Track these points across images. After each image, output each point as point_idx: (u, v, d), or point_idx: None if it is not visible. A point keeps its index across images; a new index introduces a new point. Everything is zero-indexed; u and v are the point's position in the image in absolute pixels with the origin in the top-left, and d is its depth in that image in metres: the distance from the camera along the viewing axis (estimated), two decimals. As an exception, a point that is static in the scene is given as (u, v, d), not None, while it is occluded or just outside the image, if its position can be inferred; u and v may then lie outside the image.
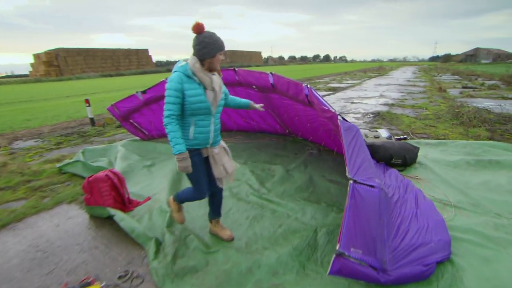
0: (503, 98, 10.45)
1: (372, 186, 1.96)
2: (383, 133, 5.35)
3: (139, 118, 5.45)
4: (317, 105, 2.88)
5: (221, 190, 2.32)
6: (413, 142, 4.95)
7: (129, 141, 5.36)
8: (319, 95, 2.88)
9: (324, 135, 4.23)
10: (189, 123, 1.92)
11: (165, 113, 1.83)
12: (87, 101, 7.53)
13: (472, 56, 77.51)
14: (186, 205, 2.91)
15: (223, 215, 2.74)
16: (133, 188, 3.42)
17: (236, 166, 2.23)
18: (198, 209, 2.87)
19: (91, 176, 2.81)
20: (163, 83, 4.90)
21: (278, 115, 4.90)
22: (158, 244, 2.32)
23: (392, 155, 3.73)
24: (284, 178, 3.55)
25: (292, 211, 2.80)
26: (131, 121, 5.44)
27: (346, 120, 2.42)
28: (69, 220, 2.82)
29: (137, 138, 5.63)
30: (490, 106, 8.18)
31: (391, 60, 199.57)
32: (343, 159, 4.30)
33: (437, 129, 6.02)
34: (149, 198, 3.14)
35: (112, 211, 2.61)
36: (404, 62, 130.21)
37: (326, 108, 2.56)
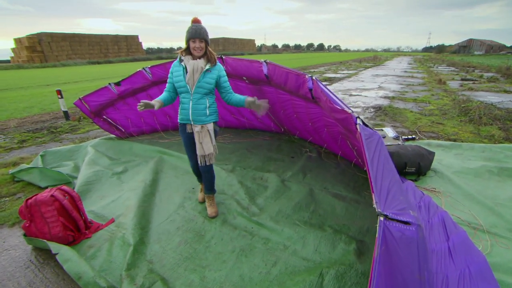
0: (505, 91, 10.02)
1: (407, 223, 1.39)
2: (389, 132, 4.81)
3: (113, 113, 4.75)
4: (325, 103, 2.27)
5: (207, 169, 2.50)
6: (422, 142, 4.43)
7: (102, 139, 4.68)
8: (328, 89, 2.27)
9: (328, 138, 3.63)
10: (179, 101, 2.35)
11: None
12: (59, 92, 6.73)
13: (465, 47, 77.24)
14: (158, 234, 2.33)
15: (204, 247, 2.18)
16: (95, 205, 2.80)
17: (215, 151, 2.43)
18: (171, 239, 2.27)
19: (30, 198, 2.17)
20: (138, 73, 4.22)
21: (273, 112, 4.28)
22: (113, 295, 1.73)
23: (406, 163, 3.19)
24: (279, 192, 2.97)
25: (290, 240, 2.23)
26: (104, 117, 4.74)
27: (367, 125, 1.83)
28: (3, 254, 2.19)
29: (112, 135, 4.95)
30: (500, 102, 7.72)
31: (385, 50, 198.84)
32: (348, 166, 3.78)
33: (445, 127, 5.51)
34: (112, 221, 2.52)
35: (54, 247, 1.99)
36: (398, 52, 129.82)
37: (339, 107, 1.96)
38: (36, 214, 2.14)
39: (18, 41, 50.22)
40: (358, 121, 1.78)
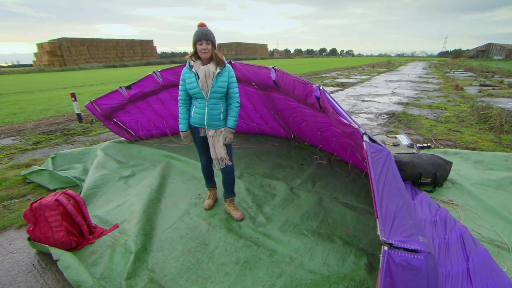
0: (528, 98, 9.57)
1: (415, 252, 1.26)
2: (403, 140, 4.63)
3: (124, 116, 4.79)
4: (332, 115, 2.18)
5: (229, 170, 2.52)
6: (439, 151, 4.24)
7: (112, 143, 4.72)
8: (335, 101, 2.18)
9: (337, 147, 3.52)
10: (192, 105, 2.37)
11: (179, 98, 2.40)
12: (73, 95, 6.88)
13: (484, 52, 74.65)
14: (161, 242, 2.28)
15: (207, 257, 2.11)
16: (100, 210, 2.78)
17: (226, 155, 2.43)
18: (174, 248, 2.21)
19: (35, 202, 2.16)
20: (149, 77, 4.23)
21: (282, 118, 4.20)
22: (112, 305, 1.68)
23: (421, 173, 3.03)
24: (287, 200, 2.88)
25: (297, 252, 2.13)
26: (115, 120, 4.79)
27: (374, 141, 1.72)
28: (8, 257, 2.18)
29: (122, 139, 4.99)
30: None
31: (399, 55, 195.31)
32: (359, 175, 3.62)
33: (463, 135, 5.27)
34: (116, 226, 2.49)
35: (56, 254, 1.97)
36: (413, 57, 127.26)
37: (346, 122, 1.87)
38: (40, 218, 2.13)
39: (40, 46, 52.34)
40: (365, 137, 1.68)
